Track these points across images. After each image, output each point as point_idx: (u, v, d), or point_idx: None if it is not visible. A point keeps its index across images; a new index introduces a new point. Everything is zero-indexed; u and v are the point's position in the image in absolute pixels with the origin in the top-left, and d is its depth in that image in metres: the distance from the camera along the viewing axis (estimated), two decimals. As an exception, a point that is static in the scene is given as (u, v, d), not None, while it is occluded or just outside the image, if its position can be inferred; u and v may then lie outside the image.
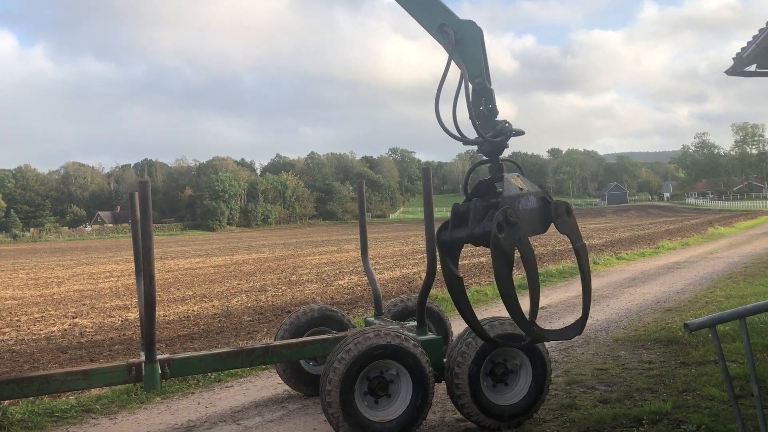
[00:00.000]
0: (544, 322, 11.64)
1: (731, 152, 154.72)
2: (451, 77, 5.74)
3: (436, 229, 5.94)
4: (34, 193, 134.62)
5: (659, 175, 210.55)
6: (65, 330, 14.13)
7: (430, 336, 6.77)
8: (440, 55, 5.73)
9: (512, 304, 5.14)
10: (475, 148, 5.89)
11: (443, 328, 8.02)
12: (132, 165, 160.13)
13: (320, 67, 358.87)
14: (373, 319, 7.86)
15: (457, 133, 5.72)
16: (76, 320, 15.46)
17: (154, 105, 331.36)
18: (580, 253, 5.53)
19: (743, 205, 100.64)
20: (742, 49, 10.33)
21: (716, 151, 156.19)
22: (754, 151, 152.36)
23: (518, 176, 5.59)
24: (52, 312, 17.20)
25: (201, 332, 12.99)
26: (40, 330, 14.29)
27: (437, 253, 5.90)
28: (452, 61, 5.76)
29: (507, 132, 5.69)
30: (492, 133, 5.67)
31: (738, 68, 10.70)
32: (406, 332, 6.24)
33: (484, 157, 5.86)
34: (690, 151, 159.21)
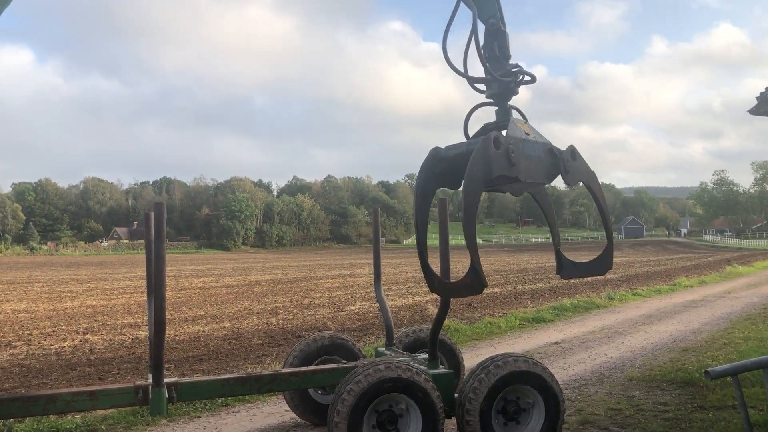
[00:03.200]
0: (557, 358, 11.45)
1: (750, 190, 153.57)
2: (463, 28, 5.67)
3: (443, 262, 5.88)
4: (53, 207, 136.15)
5: (677, 210, 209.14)
6: (75, 346, 14.12)
7: (442, 370, 6.65)
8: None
9: (471, 229, 5.13)
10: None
11: (455, 362, 7.88)
12: (150, 182, 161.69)
13: (328, 90, 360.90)
14: (383, 349, 7.76)
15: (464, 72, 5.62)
16: (87, 336, 15.46)
17: (167, 124, 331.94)
18: (593, 186, 5.56)
19: (762, 244, 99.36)
20: (766, 88, 10.24)
21: (735, 188, 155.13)
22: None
23: (526, 123, 5.49)
24: (63, 327, 17.23)
25: (210, 354, 12.92)
26: (51, 345, 14.30)
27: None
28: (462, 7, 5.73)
29: (518, 74, 5.58)
30: (502, 73, 5.57)
31: (762, 108, 10.60)
32: (417, 365, 6.13)
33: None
34: (708, 187, 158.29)
